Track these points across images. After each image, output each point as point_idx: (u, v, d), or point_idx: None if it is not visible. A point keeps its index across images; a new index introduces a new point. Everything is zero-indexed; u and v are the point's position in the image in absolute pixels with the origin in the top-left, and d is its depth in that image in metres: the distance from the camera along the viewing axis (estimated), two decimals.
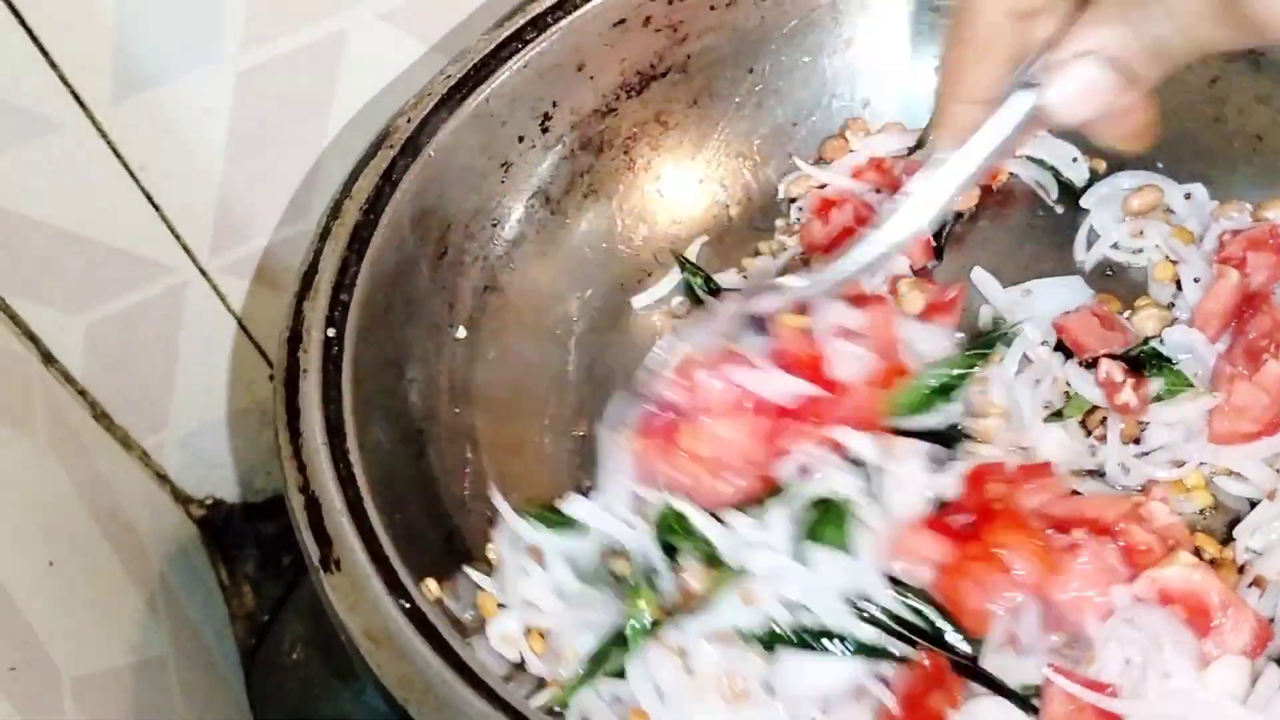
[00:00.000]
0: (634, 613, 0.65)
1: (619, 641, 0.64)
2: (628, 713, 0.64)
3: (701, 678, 0.63)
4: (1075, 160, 0.85)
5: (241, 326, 0.98)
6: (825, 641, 0.63)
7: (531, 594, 0.68)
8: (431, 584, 0.65)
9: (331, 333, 0.69)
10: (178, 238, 0.89)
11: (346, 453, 0.65)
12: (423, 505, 0.71)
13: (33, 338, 0.88)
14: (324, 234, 0.72)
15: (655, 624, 0.64)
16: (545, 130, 0.83)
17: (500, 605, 0.68)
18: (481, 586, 0.69)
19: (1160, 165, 0.83)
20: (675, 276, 0.86)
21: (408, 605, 0.60)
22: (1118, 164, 0.84)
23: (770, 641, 0.63)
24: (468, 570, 0.69)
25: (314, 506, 0.63)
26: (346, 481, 0.64)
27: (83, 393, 0.94)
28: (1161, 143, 0.69)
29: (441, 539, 0.71)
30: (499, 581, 0.69)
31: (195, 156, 0.85)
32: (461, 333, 0.79)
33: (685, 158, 0.88)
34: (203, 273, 0.92)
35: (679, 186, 0.88)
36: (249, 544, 1.08)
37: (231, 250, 0.92)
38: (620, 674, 0.64)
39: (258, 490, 1.10)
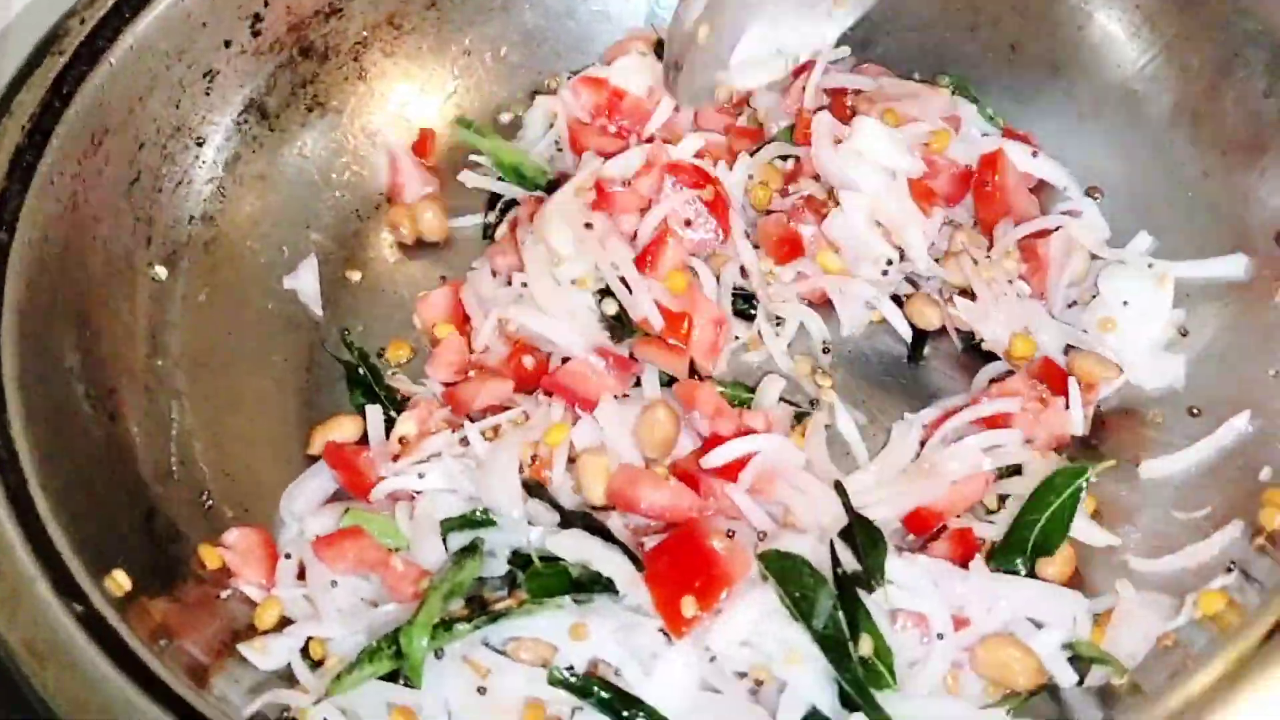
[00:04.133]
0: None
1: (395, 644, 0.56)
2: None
3: (500, 702, 0.56)
4: None
5: None
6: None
7: (342, 603, 0.60)
8: (120, 575, 0.55)
9: None
10: None
11: (6, 426, 0.55)
12: (117, 479, 0.61)
13: None
14: None
15: (452, 624, 0.56)
16: (257, 34, 0.72)
17: (286, 617, 0.60)
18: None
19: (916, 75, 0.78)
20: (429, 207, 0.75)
21: (81, 609, 0.50)
22: None
23: (586, 688, 0.55)
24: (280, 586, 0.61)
25: None
26: (6, 464, 0.54)
27: None
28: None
29: (141, 517, 0.61)
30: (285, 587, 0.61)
31: None
32: (161, 272, 0.68)
33: (424, 67, 0.79)
34: None
35: (417, 99, 0.79)
36: None
37: None
38: (392, 677, 0.56)
39: None
